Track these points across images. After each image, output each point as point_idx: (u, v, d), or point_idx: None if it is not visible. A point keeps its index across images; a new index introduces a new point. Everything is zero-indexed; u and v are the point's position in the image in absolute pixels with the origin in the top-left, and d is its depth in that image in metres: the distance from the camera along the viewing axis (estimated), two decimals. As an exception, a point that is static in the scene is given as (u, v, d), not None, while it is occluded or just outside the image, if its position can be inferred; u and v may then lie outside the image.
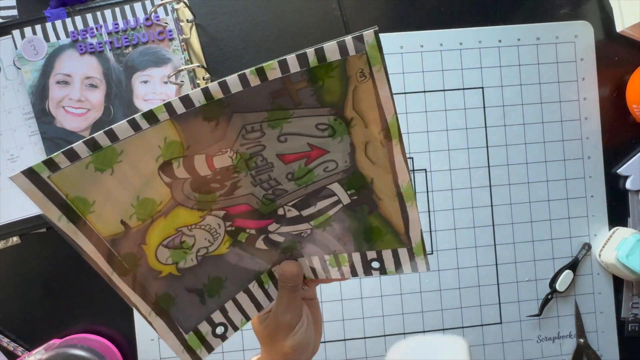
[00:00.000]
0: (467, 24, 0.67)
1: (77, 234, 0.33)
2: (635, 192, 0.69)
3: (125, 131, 0.32)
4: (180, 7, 0.62)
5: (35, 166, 0.30)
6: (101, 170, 0.32)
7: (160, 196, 0.35)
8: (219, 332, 0.41)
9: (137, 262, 0.36)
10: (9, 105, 0.62)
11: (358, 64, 0.33)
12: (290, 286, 0.41)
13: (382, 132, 0.36)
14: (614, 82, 0.69)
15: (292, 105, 0.35)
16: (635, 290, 0.69)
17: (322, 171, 0.38)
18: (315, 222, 0.41)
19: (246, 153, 0.36)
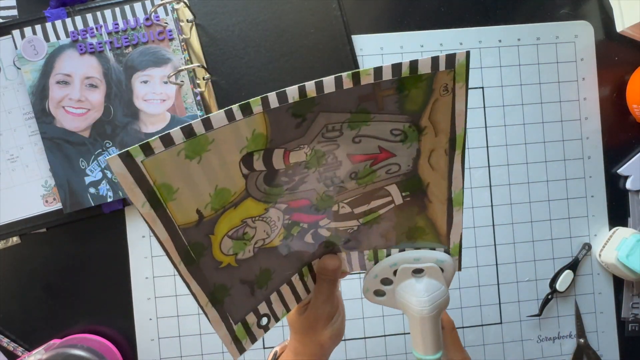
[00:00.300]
0: (467, 24, 0.67)
1: (155, 221, 0.33)
2: (635, 192, 0.69)
3: (220, 120, 0.33)
4: (180, 7, 0.62)
5: (132, 149, 0.31)
6: (190, 157, 0.33)
7: (236, 187, 0.36)
8: (263, 323, 0.42)
9: (203, 252, 0.37)
10: (9, 105, 0.62)
11: (445, 78, 0.36)
12: (331, 279, 0.43)
13: (449, 142, 0.39)
14: (614, 82, 0.69)
15: (375, 110, 0.37)
16: (635, 290, 0.69)
17: (384, 173, 0.40)
18: (364, 220, 0.43)
19: (320, 150, 0.38)
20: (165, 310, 0.64)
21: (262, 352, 0.65)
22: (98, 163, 0.62)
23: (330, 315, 0.44)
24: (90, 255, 0.64)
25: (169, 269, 0.65)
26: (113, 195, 0.62)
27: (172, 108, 0.62)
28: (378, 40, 0.66)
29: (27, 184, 0.63)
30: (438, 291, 0.40)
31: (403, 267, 0.41)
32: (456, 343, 0.48)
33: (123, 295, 0.64)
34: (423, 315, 0.39)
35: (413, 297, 0.40)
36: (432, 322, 0.40)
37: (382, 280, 0.43)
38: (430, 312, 0.39)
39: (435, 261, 0.41)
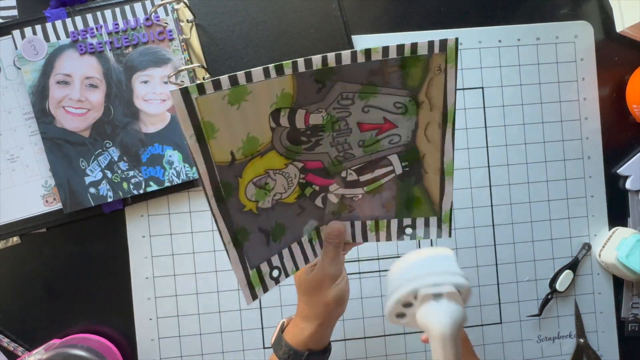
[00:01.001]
0: (467, 24, 0.67)
1: (198, 153, 0.39)
2: (635, 192, 0.69)
3: (258, 76, 0.39)
4: (180, 7, 0.62)
5: (190, 87, 0.37)
6: (232, 103, 0.39)
7: (264, 138, 0.42)
8: (274, 275, 0.46)
9: (231, 192, 0.42)
10: (9, 105, 0.62)
11: (438, 60, 0.42)
12: (336, 242, 0.47)
13: (441, 116, 0.45)
14: (614, 82, 0.69)
15: (381, 84, 0.44)
16: (635, 290, 0.69)
17: (387, 143, 0.47)
18: (368, 188, 0.48)
19: (334, 116, 0.44)
20: (165, 310, 0.65)
21: (262, 352, 0.65)
22: (98, 163, 0.62)
23: (335, 277, 0.48)
24: (90, 255, 0.64)
25: (169, 269, 0.65)
26: (113, 195, 0.62)
27: (172, 108, 0.62)
28: (378, 40, 0.66)
29: (27, 184, 0.63)
30: (457, 312, 0.44)
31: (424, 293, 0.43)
32: (469, 351, 0.53)
33: (123, 295, 0.64)
34: (445, 335, 0.42)
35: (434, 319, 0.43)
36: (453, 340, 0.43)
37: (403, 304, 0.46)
38: (451, 332, 0.43)
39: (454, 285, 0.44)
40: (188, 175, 0.62)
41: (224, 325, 0.65)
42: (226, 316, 0.65)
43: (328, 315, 0.49)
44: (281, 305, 0.66)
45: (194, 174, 0.62)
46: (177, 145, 0.62)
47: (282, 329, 0.52)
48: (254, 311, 0.65)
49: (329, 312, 0.48)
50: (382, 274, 0.67)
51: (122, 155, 0.62)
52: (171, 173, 0.62)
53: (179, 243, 0.65)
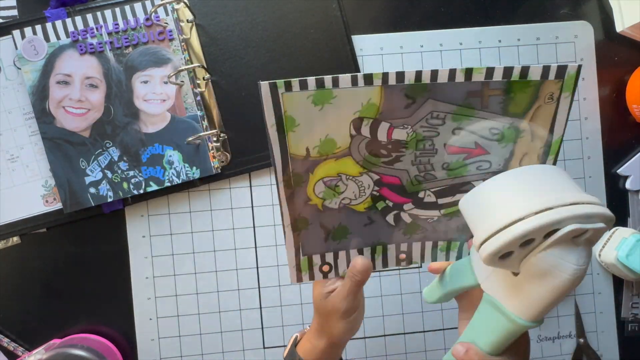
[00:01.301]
0: (467, 24, 0.67)
1: (276, 142, 0.40)
2: (635, 192, 0.69)
3: (346, 82, 0.38)
4: (180, 7, 0.62)
5: (278, 82, 0.38)
6: (315, 104, 0.39)
7: (342, 142, 0.42)
8: (325, 270, 0.47)
9: (300, 184, 0.43)
10: (9, 105, 0.62)
11: (552, 87, 0.39)
12: (358, 280, 0.45)
13: (543, 148, 0.41)
14: (614, 82, 0.69)
15: (479, 107, 0.40)
16: (635, 290, 0.69)
17: (475, 169, 0.43)
18: (445, 211, 0.46)
19: (421, 134, 0.41)
20: (165, 310, 0.65)
21: (262, 352, 0.65)
22: (98, 163, 0.62)
23: (347, 313, 0.46)
24: (90, 255, 0.64)
25: (169, 269, 0.65)
26: (113, 195, 0.62)
27: (172, 108, 0.62)
28: (378, 40, 0.66)
29: (27, 184, 0.63)
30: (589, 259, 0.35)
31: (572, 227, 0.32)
32: None
33: (123, 295, 0.64)
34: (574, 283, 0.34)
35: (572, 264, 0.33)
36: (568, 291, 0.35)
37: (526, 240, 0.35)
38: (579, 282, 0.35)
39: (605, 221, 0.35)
40: (188, 175, 0.62)
41: (224, 325, 0.65)
42: (226, 316, 0.65)
43: (338, 340, 0.48)
44: (281, 305, 0.66)
45: (194, 174, 0.62)
46: (177, 145, 0.62)
47: (295, 343, 0.52)
48: (254, 311, 0.65)
49: (339, 338, 0.48)
50: (382, 274, 0.67)
51: (122, 155, 0.62)
52: (171, 173, 0.62)
53: (179, 243, 0.65)
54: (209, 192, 0.65)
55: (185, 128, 0.62)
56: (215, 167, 0.63)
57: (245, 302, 0.65)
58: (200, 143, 0.62)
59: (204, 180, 0.64)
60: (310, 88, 0.38)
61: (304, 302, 0.66)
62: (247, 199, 0.65)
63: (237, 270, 0.65)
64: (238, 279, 0.65)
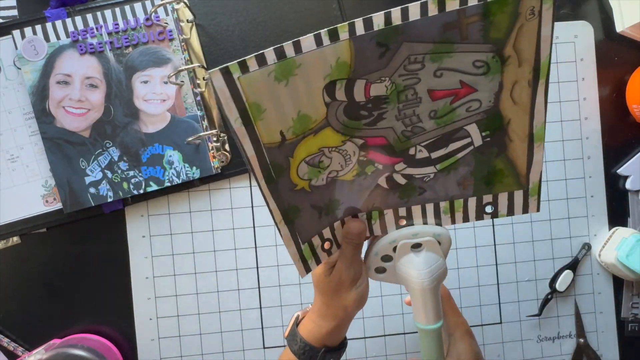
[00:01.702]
0: (467, 24, 0.67)
1: (245, 136, 0.36)
2: (635, 192, 0.69)
3: (309, 45, 0.34)
4: (180, 7, 0.62)
5: (231, 65, 0.33)
6: (279, 80, 0.35)
7: (317, 114, 0.37)
8: (326, 247, 0.44)
9: (282, 173, 0.38)
10: (9, 105, 0.62)
11: (531, 1, 0.34)
12: (355, 243, 0.43)
13: (532, 72, 0.37)
14: (614, 82, 0.69)
15: (458, 39, 0.36)
16: (635, 290, 0.69)
17: (464, 111, 0.39)
18: (441, 166, 0.42)
19: (401, 84, 0.37)
20: (165, 310, 0.65)
21: (262, 352, 0.65)
22: (98, 163, 0.62)
23: (355, 279, 0.45)
24: (90, 255, 0.64)
25: (169, 269, 0.65)
26: (113, 195, 0.62)
27: (172, 108, 0.62)
28: (378, 40, 0.66)
29: (27, 184, 0.63)
30: (436, 263, 0.41)
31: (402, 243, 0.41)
32: (453, 308, 0.50)
33: (123, 295, 0.64)
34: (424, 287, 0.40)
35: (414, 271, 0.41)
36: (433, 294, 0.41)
37: (382, 257, 0.44)
38: (430, 284, 0.41)
39: (432, 235, 0.42)
40: (188, 175, 0.62)
41: (224, 325, 0.65)
42: (226, 316, 0.65)
43: (347, 316, 0.47)
44: (281, 305, 0.66)
45: (194, 174, 0.62)
46: (177, 145, 0.62)
47: (297, 322, 0.50)
48: (254, 311, 0.65)
49: (348, 314, 0.47)
50: (382, 274, 0.67)
51: (122, 155, 0.62)
52: (171, 173, 0.62)
53: (179, 243, 0.65)
54: (209, 192, 0.65)
55: (185, 128, 0.62)
56: (215, 167, 0.63)
57: (245, 302, 0.65)
58: (200, 143, 0.62)
59: (203, 180, 0.64)
60: (270, 62, 0.34)
61: (304, 302, 0.66)
62: (247, 199, 0.65)
63: (237, 270, 0.65)
64: (238, 279, 0.65)
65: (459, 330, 0.49)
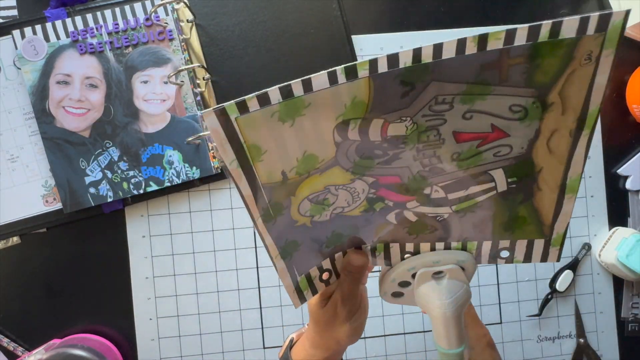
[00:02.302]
0: (467, 24, 0.67)
1: (241, 178, 0.33)
2: (635, 192, 0.69)
3: (322, 83, 0.30)
4: (180, 7, 0.62)
5: (228, 106, 0.30)
6: (283, 120, 0.31)
7: (325, 154, 0.34)
8: (324, 278, 0.42)
9: (282, 211, 0.36)
10: (9, 105, 0.62)
11: (590, 45, 0.30)
12: (356, 277, 0.41)
13: (576, 122, 0.34)
14: (614, 82, 0.69)
15: (496, 81, 0.31)
16: (635, 290, 0.69)
17: (492, 155, 0.35)
18: (457, 207, 0.38)
19: (423, 125, 0.33)
20: (165, 310, 0.65)
21: (262, 352, 0.65)
22: (98, 163, 0.62)
23: (351, 313, 0.42)
24: (90, 255, 0.64)
25: (169, 269, 0.65)
26: (113, 195, 0.62)
27: (172, 108, 0.62)
28: (378, 40, 0.66)
29: (27, 184, 0.63)
30: (460, 291, 0.39)
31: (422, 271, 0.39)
32: (475, 319, 0.48)
33: (123, 295, 0.64)
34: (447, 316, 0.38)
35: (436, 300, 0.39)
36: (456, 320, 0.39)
37: (400, 283, 0.41)
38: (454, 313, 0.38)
39: (456, 262, 0.39)
40: (188, 175, 0.62)
41: (224, 325, 0.65)
42: (226, 316, 0.65)
43: (339, 349, 0.45)
44: (281, 305, 0.66)
45: (194, 174, 0.62)
46: (177, 145, 0.62)
47: (291, 345, 0.48)
48: (254, 311, 0.65)
49: (341, 347, 0.44)
50: (382, 274, 0.67)
51: (122, 155, 0.62)
52: (171, 173, 0.62)
53: (179, 243, 0.65)
54: (209, 192, 0.65)
55: (185, 128, 0.62)
56: (215, 167, 0.63)
57: (245, 302, 0.65)
58: (200, 143, 0.62)
59: (203, 180, 0.64)
60: (274, 101, 0.30)
61: (304, 302, 0.66)
62: (247, 199, 0.65)
63: (237, 270, 0.65)
64: (238, 279, 0.65)
65: (480, 343, 0.47)
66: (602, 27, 0.29)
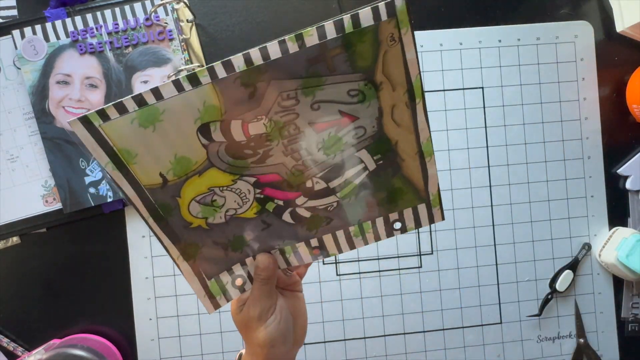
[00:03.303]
0: (467, 24, 0.67)
1: (121, 179, 0.36)
2: (635, 192, 0.69)
3: (169, 92, 0.34)
4: (180, 7, 0.62)
5: (89, 114, 0.34)
6: (144, 126, 0.35)
7: (197, 156, 0.37)
8: (238, 284, 0.44)
9: (171, 212, 0.39)
10: (9, 105, 0.62)
11: (388, 28, 0.35)
12: (263, 278, 0.42)
13: (407, 93, 0.38)
14: (614, 82, 0.69)
15: (326, 72, 0.36)
16: (635, 290, 0.69)
17: (351, 138, 0.40)
18: (341, 194, 0.42)
19: (280, 121, 0.37)
20: (165, 310, 0.65)
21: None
22: (98, 163, 0.62)
23: (262, 318, 0.42)
24: (90, 255, 0.64)
25: (169, 269, 0.65)
26: (113, 195, 0.62)
27: (172, 108, 0.62)
28: (378, 40, 0.66)
29: (27, 184, 0.63)
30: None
31: None
32: None
33: (123, 295, 0.64)
34: None
35: None
36: None
37: None
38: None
39: None
40: (188, 175, 0.62)
41: (223, 325, 0.65)
42: (226, 316, 0.65)
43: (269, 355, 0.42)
44: (281, 305, 0.66)
45: (194, 174, 0.62)
46: (177, 145, 0.62)
47: None
48: (254, 311, 0.65)
49: (267, 354, 0.42)
50: (382, 274, 0.67)
51: (122, 155, 0.62)
52: (171, 173, 0.62)
53: (179, 243, 0.65)
54: (209, 192, 0.65)
55: (185, 128, 0.62)
56: (215, 167, 0.63)
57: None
58: (200, 143, 0.62)
59: (204, 180, 0.64)
60: (131, 109, 0.34)
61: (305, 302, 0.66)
62: (247, 199, 0.65)
63: (237, 270, 0.65)
64: (238, 279, 0.65)
65: None
66: (392, 13, 0.35)
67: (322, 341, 0.66)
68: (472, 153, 0.67)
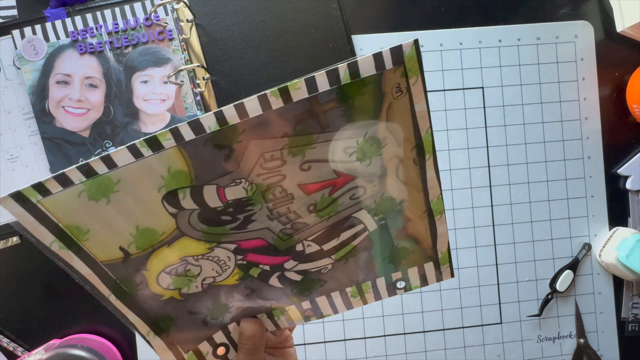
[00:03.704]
0: (467, 24, 0.67)
1: (72, 258, 0.31)
2: (636, 192, 0.69)
3: (125, 159, 0.29)
4: (180, 7, 0.62)
5: (24, 190, 0.28)
6: (96, 199, 0.29)
7: (163, 226, 0.32)
8: (220, 353, 0.39)
9: (136, 287, 0.34)
10: (9, 105, 0.62)
11: (394, 77, 0.30)
12: (248, 348, 0.38)
13: (415, 149, 0.33)
14: (614, 82, 0.69)
15: (318, 129, 0.30)
16: (635, 291, 0.69)
17: (348, 199, 0.34)
18: (337, 256, 0.37)
19: (263, 184, 0.32)
20: (165, 310, 0.64)
21: (262, 352, 0.65)
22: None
23: None
24: (90, 255, 0.64)
25: (169, 269, 0.65)
26: (113, 195, 0.62)
27: (172, 108, 0.62)
28: (378, 40, 0.66)
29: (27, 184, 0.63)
30: None
31: None
32: None
33: (123, 295, 0.64)
34: None
35: None
36: None
37: None
38: None
39: None
40: (188, 175, 0.62)
41: (224, 325, 0.65)
42: (226, 316, 0.65)
43: None
44: (281, 305, 0.66)
45: (194, 174, 0.62)
46: (177, 145, 0.62)
47: None
48: (254, 311, 0.65)
49: None
50: (382, 274, 0.66)
51: (122, 155, 0.62)
52: (171, 173, 0.62)
53: (178, 243, 0.65)
54: (209, 192, 0.65)
55: (185, 128, 0.62)
56: (215, 167, 0.63)
57: None
58: (200, 143, 0.62)
59: (203, 180, 0.64)
60: (77, 181, 0.29)
61: (304, 302, 0.66)
62: (247, 199, 0.65)
63: (237, 270, 0.65)
64: (238, 279, 0.65)
65: None
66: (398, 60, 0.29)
67: (322, 341, 0.66)
68: (472, 153, 0.67)
